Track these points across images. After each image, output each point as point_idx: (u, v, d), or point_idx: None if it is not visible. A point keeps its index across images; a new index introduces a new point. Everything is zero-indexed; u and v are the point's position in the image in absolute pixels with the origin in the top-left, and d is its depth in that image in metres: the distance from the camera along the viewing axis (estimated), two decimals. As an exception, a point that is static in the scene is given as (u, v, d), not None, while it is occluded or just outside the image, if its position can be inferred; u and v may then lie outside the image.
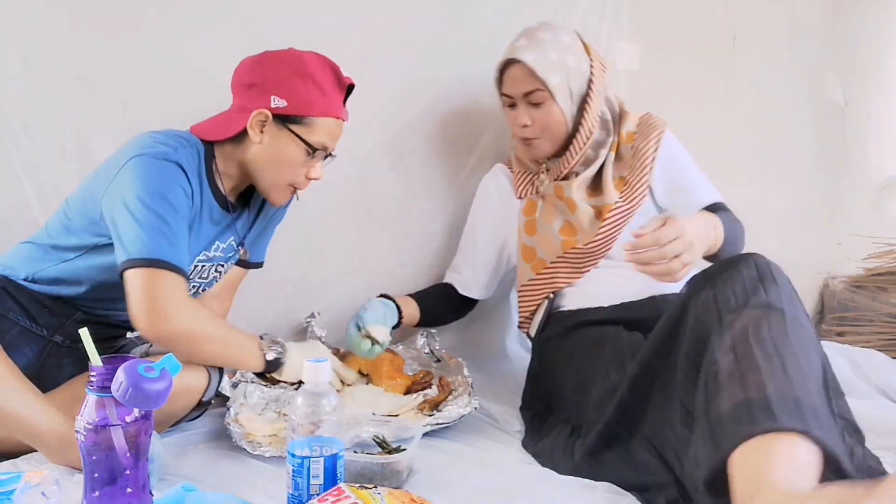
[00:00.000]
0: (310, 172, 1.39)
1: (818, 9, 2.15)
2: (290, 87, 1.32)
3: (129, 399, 0.84)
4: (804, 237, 2.19)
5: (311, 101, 1.33)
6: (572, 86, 1.52)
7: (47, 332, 1.37)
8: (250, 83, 1.34)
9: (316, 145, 1.35)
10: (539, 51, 1.49)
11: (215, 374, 1.34)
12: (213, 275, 1.47)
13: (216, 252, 1.44)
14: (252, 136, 1.34)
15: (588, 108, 1.53)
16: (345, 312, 1.79)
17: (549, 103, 1.51)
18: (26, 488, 0.93)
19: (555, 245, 1.54)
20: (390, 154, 1.82)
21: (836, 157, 2.21)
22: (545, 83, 1.49)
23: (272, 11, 1.68)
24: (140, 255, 1.22)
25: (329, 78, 1.35)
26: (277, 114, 1.32)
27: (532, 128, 1.54)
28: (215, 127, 1.37)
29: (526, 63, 1.48)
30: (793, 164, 2.15)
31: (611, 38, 1.93)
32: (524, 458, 1.32)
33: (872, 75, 2.20)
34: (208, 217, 1.39)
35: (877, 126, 2.23)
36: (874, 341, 1.99)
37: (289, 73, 1.32)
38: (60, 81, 1.57)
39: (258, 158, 1.36)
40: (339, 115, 1.37)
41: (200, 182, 1.35)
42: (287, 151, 1.34)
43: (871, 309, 2.09)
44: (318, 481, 0.98)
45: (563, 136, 1.55)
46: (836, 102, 2.17)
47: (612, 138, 1.57)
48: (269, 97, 1.32)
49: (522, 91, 1.52)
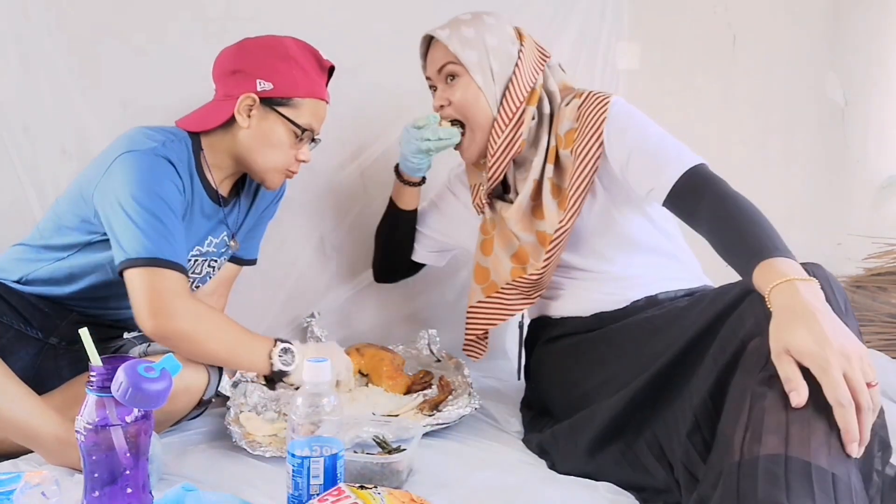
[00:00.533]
0: (299, 155, 1.40)
1: (818, 9, 2.15)
2: (274, 70, 1.33)
3: (129, 399, 0.84)
4: (804, 237, 2.19)
5: (297, 83, 1.34)
6: (493, 65, 1.41)
7: (42, 335, 1.37)
8: (234, 70, 1.35)
9: (304, 126, 1.36)
10: (455, 28, 1.42)
11: (215, 373, 1.33)
12: (206, 270, 1.47)
13: (209, 247, 1.44)
14: (240, 122, 1.34)
15: (510, 92, 1.40)
16: (345, 313, 1.80)
17: (465, 79, 1.41)
18: (26, 488, 0.93)
19: (505, 271, 1.49)
20: (390, 155, 1.82)
21: (836, 157, 2.21)
22: (457, 57, 1.40)
23: (274, 11, 1.69)
24: (138, 254, 1.21)
25: (310, 60, 1.37)
26: (264, 97, 1.33)
27: (450, 109, 1.44)
28: (202, 118, 1.38)
29: (440, 38, 1.41)
30: (792, 163, 2.15)
31: (611, 38, 1.93)
32: (524, 458, 1.32)
33: (872, 75, 2.20)
34: (200, 211, 1.39)
35: (877, 126, 2.23)
36: (874, 341, 1.99)
37: (272, 57, 1.34)
38: (60, 81, 1.57)
39: (247, 143, 1.36)
40: (322, 96, 1.39)
41: (191, 176, 1.35)
42: (276, 133, 1.35)
43: (871, 309, 2.09)
44: (318, 481, 0.98)
45: (486, 124, 1.42)
46: (836, 102, 2.17)
47: (546, 141, 1.42)
48: (255, 81, 1.33)
49: (437, 66, 1.44)
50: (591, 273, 1.42)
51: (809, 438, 0.87)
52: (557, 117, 1.43)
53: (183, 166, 1.32)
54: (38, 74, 1.56)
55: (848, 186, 2.22)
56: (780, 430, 0.88)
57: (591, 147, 1.35)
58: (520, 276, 1.45)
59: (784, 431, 0.88)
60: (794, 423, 0.88)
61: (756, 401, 0.91)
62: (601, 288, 1.40)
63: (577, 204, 1.36)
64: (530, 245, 1.44)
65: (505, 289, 1.48)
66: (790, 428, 0.88)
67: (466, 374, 1.56)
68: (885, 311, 2.07)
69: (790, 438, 0.87)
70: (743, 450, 0.89)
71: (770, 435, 0.88)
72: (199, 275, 1.47)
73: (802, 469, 0.85)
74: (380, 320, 1.82)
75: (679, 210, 1.25)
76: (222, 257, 1.50)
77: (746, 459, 0.88)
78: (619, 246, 1.41)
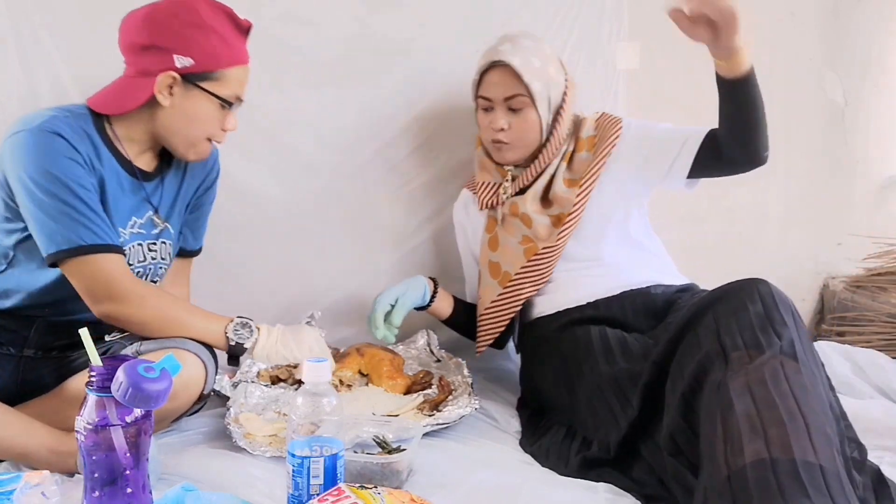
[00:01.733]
0: (225, 125, 1.33)
1: (818, 9, 2.15)
2: (192, 43, 1.24)
3: (129, 399, 0.84)
4: (804, 237, 2.19)
5: (218, 54, 1.26)
6: (551, 95, 1.51)
7: (15, 350, 1.31)
8: (147, 44, 1.25)
9: (229, 98, 1.30)
10: (525, 56, 1.48)
11: (211, 365, 1.31)
12: (148, 256, 1.37)
13: (133, 228, 1.34)
14: (161, 101, 1.26)
15: (560, 119, 1.53)
16: (345, 313, 1.80)
17: (529, 110, 1.50)
18: (26, 488, 0.93)
19: (517, 255, 1.54)
20: (390, 155, 1.82)
21: (836, 157, 2.20)
22: (528, 88, 1.48)
23: (274, 12, 1.68)
24: (59, 247, 1.18)
25: (227, 24, 1.27)
26: (185, 73, 1.25)
27: (508, 133, 1.52)
28: (116, 97, 1.29)
29: (513, 66, 1.47)
30: (793, 163, 2.15)
31: (611, 38, 1.93)
32: (524, 458, 1.32)
33: (872, 75, 2.20)
34: (117, 186, 1.29)
35: (877, 126, 2.22)
36: (874, 341, 1.99)
37: (187, 26, 1.24)
38: (60, 81, 1.57)
39: (170, 121, 1.29)
40: (245, 61, 1.31)
41: (96, 148, 1.26)
42: (200, 109, 1.28)
43: (871, 309, 2.09)
44: (318, 481, 0.98)
45: (534, 145, 1.54)
46: (836, 102, 2.17)
47: (565, 147, 1.57)
48: (172, 57, 1.23)
49: (504, 95, 1.50)
50: (587, 263, 1.50)
51: (788, 436, 0.90)
52: (578, 126, 1.58)
53: (80, 137, 1.23)
54: (39, 74, 1.56)
55: (848, 186, 2.22)
56: (758, 436, 0.91)
57: (611, 138, 1.52)
58: (535, 254, 1.51)
59: (762, 435, 0.91)
60: (770, 425, 0.91)
61: (727, 413, 0.95)
62: (596, 276, 1.48)
63: (593, 181, 1.50)
64: (543, 227, 1.53)
65: (520, 273, 1.53)
66: (767, 431, 0.91)
67: (466, 374, 1.56)
68: (885, 311, 2.07)
69: (770, 441, 0.90)
70: (728, 463, 0.91)
71: (749, 443, 0.91)
72: (144, 262, 1.36)
73: (790, 469, 0.87)
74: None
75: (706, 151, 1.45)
76: (159, 240, 1.39)
77: (734, 472, 0.90)
78: (616, 238, 1.53)
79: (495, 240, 1.59)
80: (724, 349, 1.02)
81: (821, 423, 0.93)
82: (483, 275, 1.61)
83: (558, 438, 1.32)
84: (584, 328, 1.39)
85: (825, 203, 2.19)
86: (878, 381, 1.59)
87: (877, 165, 2.25)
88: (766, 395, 0.95)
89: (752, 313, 1.04)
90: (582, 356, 1.34)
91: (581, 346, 1.36)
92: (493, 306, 1.57)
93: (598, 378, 1.27)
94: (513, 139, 1.53)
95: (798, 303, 2.16)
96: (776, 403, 0.93)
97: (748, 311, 1.04)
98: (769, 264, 2.07)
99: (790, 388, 0.95)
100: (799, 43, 2.12)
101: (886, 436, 1.30)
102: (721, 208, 2.05)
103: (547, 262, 1.52)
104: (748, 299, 1.06)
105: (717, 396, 0.98)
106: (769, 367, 0.98)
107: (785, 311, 1.05)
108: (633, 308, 1.42)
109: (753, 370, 0.98)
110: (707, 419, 0.98)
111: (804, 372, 0.98)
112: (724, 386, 0.98)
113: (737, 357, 1.00)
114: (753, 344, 1.01)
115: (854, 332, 2.08)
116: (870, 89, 2.20)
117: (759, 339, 1.01)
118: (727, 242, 1.70)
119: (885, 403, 1.52)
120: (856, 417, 1.15)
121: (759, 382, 0.96)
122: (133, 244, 1.34)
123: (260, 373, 1.59)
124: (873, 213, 2.22)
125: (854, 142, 2.20)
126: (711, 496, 0.92)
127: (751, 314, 1.04)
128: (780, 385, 0.95)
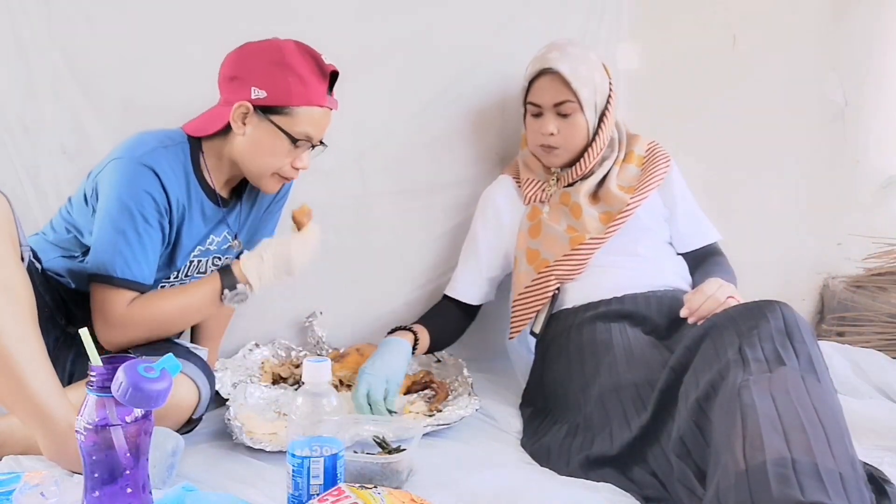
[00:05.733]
0: (295, 162, 1.39)
1: (818, 9, 2.14)
2: (269, 78, 1.32)
3: (129, 399, 0.84)
4: (804, 237, 2.19)
5: (291, 91, 1.32)
6: (597, 100, 1.59)
7: (64, 322, 1.35)
8: (232, 76, 1.35)
9: (298, 135, 1.35)
10: (573, 63, 1.55)
11: (206, 390, 1.31)
12: (210, 268, 1.48)
13: (210, 245, 1.45)
14: (235, 129, 1.34)
15: (605, 123, 1.61)
16: (345, 313, 1.80)
17: (577, 115, 1.57)
18: (26, 488, 0.93)
19: (562, 243, 1.57)
20: (390, 156, 1.82)
21: (836, 156, 2.20)
22: (577, 95, 1.55)
23: (275, 11, 1.68)
24: (98, 270, 1.28)
25: (309, 66, 1.34)
26: (258, 105, 1.32)
27: (557, 137, 1.58)
28: (203, 123, 1.39)
29: (563, 74, 1.54)
30: (792, 163, 2.15)
31: (611, 38, 1.92)
32: (524, 458, 1.32)
33: (872, 75, 2.20)
34: (200, 213, 1.40)
35: (877, 126, 2.22)
36: (874, 341, 1.99)
37: (267, 64, 1.32)
38: (60, 81, 1.57)
39: (242, 150, 1.37)
40: (321, 102, 1.36)
41: (187, 179, 1.36)
42: (269, 142, 1.35)
43: (871, 309, 2.09)
44: (318, 481, 0.98)
45: (581, 148, 1.61)
46: (836, 102, 2.17)
47: (616, 154, 1.64)
48: (250, 88, 1.32)
49: (554, 101, 1.56)
50: (623, 258, 1.56)
51: (809, 441, 0.91)
52: (631, 141, 1.67)
53: (175, 173, 1.33)
54: (38, 74, 1.56)
55: (848, 186, 2.22)
56: (779, 435, 0.92)
57: (662, 168, 1.64)
58: (580, 243, 1.56)
59: (783, 436, 0.92)
60: (791, 430, 0.93)
61: (748, 411, 0.96)
62: (629, 269, 1.54)
63: (649, 190, 1.60)
64: (592, 219, 1.58)
65: (560, 260, 1.57)
66: (789, 435, 0.92)
67: (466, 375, 1.56)
68: (885, 311, 2.07)
69: (791, 444, 0.91)
70: (746, 457, 0.92)
71: (770, 441, 0.92)
72: (204, 273, 1.47)
73: (812, 470, 0.88)
74: (380, 321, 1.81)
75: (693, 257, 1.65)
76: (226, 255, 1.50)
77: (752, 466, 0.91)
78: (651, 241, 1.61)
79: (538, 227, 1.62)
80: (744, 359, 1.05)
81: (840, 435, 0.95)
82: (519, 261, 1.63)
83: (560, 437, 1.32)
84: (606, 325, 1.42)
85: (825, 203, 2.19)
86: (878, 381, 1.59)
87: (877, 165, 2.24)
88: (788, 403, 0.97)
89: (774, 329, 1.08)
90: (601, 354, 1.36)
91: (601, 345, 1.38)
92: (527, 291, 1.60)
93: (615, 379, 1.29)
94: (561, 143, 1.59)
95: (798, 303, 2.18)
96: (797, 412, 0.96)
97: (770, 326, 1.08)
98: (769, 264, 2.07)
99: (811, 401, 0.98)
100: (799, 43, 2.12)
101: (887, 436, 1.30)
102: (721, 208, 2.05)
103: (588, 252, 1.56)
104: (770, 315, 1.09)
105: (737, 397, 1.00)
106: (791, 379, 1.00)
107: (805, 331, 1.09)
108: (659, 307, 1.46)
109: (776, 379, 1.00)
110: (725, 417, 1.00)
111: (824, 389, 1.01)
112: (745, 388, 1.00)
113: (757, 367, 1.03)
114: (774, 357, 1.04)
115: (854, 332, 2.08)
116: (870, 89, 2.19)
117: (779, 354, 1.04)
118: (727, 242, 1.70)
119: (885, 403, 1.52)
120: (856, 417, 1.15)
121: (781, 391, 0.99)
122: (204, 259, 1.46)
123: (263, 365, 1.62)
124: (873, 213, 2.22)
125: (854, 142, 2.20)
126: (725, 489, 0.92)
127: (772, 329, 1.08)
128: (802, 397, 0.98)
